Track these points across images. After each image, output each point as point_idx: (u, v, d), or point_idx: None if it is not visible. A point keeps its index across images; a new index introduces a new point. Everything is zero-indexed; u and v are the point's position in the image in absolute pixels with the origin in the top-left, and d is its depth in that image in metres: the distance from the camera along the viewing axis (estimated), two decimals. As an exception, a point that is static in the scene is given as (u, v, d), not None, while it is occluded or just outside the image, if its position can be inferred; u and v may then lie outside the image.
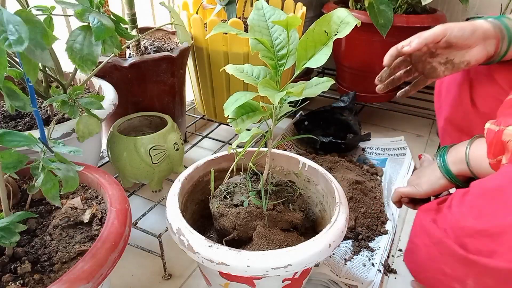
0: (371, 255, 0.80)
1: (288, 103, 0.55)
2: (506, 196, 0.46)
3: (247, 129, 0.52)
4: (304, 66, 0.49)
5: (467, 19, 1.34)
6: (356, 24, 0.46)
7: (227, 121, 0.52)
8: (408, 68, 0.68)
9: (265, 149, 0.61)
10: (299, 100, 0.55)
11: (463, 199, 0.51)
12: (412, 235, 0.58)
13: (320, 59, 0.48)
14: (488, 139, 0.53)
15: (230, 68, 0.51)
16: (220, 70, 0.54)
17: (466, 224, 0.48)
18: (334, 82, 0.53)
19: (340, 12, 0.47)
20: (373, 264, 0.78)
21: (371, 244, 0.83)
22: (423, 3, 1.11)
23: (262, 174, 0.60)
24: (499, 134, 0.51)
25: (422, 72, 0.65)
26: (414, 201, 0.68)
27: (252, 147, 0.63)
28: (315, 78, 0.53)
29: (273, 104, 0.52)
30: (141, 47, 0.92)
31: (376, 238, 0.85)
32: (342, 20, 0.47)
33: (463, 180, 0.60)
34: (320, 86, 0.52)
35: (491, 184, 0.49)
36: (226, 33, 0.91)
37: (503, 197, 0.46)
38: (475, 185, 0.51)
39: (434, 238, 0.52)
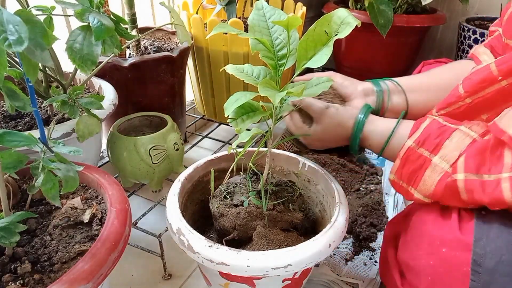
0: (372, 255, 0.80)
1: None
2: (422, 237, 0.50)
3: (247, 129, 0.52)
4: (305, 66, 0.49)
5: (467, 19, 1.34)
6: (356, 25, 0.46)
7: (227, 121, 0.52)
8: None
9: (265, 149, 0.61)
10: None
11: (406, 232, 0.57)
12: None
13: (320, 59, 0.48)
14: (418, 164, 0.50)
15: (230, 68, 0.51)
16: (220, 70, 0.54)
17: (401, 257, 0.55)
18: (333, 81, 0.53)
19: (341, 13, 0.47)
20: (374, 263, 0.78)
21: (372, 244, 0.83)
22: (423, 3, 1.12)
23: (262, 174, 0.60)
24: (453, 181, 0.46)
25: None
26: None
27: (252, 147, 0.63)
28: (315, 78, 0.53)
29: (273, 104, 0.51)
30: (141, 47, 0.92)
31: (377, 238, 0.85)
32: (342, 21, 0.47)
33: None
34: (320, 86, 0.52)
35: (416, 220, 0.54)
36: (226, 33, 0.91)
37: (421, 238, 0.51)
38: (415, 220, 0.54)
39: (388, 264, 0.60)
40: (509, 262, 0.39)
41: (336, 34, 0.47)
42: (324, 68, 1.59)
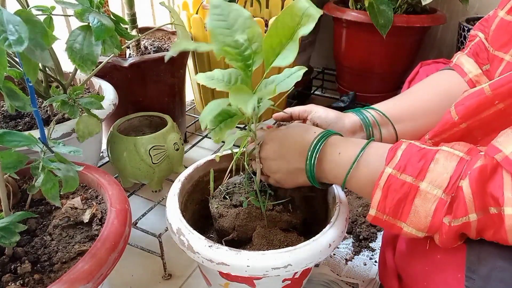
0: (372, 255, 0.80)
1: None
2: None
3: (238, 130, 0.50)
4: (273, 65, 0.46)
5: (467, 19, 1.34)
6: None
7: (206, 132, 0.49)
8: None
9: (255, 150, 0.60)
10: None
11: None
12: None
13: (288, 55, 0.44)
14: (403, 192, 0.42)
15: (200, 78, 0.47)
16: (196, 81, 0.51)
17: (398, 261, 0.54)
18: (307, 69, 0.48)
19: (301, 4, 0.43)
20: (374, 263, 0.78)
21: (371, 244, 0.83)
22: (423, 3, 1.11)
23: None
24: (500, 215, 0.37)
25: None
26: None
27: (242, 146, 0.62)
28: (285, 69, 0.49)
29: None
30: (141, 47, 0.92)
31: (377, 238, 0.85)
32: (303, 12, 0.43)
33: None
34: (292, 76, 0.47)
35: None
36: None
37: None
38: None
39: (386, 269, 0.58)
40: (502, 268, 0.39)
41: (300, 28, 0.43)
42: (324, 69, 1.59)
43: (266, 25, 1.06)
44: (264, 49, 0.46)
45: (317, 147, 0.51)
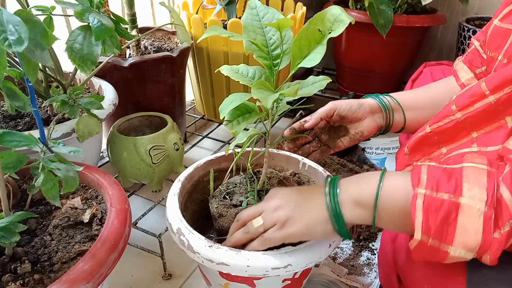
0: (372, 255, 0.80)
1: (287, 102, 0.55)
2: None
3: (245, 129, 0.52)
4: (299, 66, 0.49)
5: (467, 19, 1.34)
6: (351, 22, 0.45)
7: (223, 123, 0.51)
8: (313, 140, 0.71)
9: (263, 149, 0.61)
10: (301, 99, 0.55)
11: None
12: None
13: (314, 58, 0.47)
14: (445, 211, 0.39)
15: (225, 69, 0.51)
16: (215, 71, 0.53)
17: (398, 263, 0.55)
18: (331, 80, 0.51)
19: (334, 10, 0.46)
20: (374, 264, 0.78)
21: (371, 244, 0.83)
22: (423, 3, 1.11)
23: (260, 173, 0.60)
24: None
25: (325, 143, 0.70)
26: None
27: (252, 147, 0.63)
28: (311, 76, 0.53)
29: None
30: (141, 47, 0.92)
31: (377, 238, 0.85)
32: (336, 18, 0.46)
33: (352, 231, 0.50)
34: (316, 85, 0.50)
35: None
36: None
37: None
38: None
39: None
40: (505, 270, 0.39)
41: (330, 32, 0.46)
42: (324, 68, 1.59)
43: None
44: (292, 50, 0.48)
45: (334, 180, 0.50)
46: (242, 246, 0.52)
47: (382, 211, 0.44)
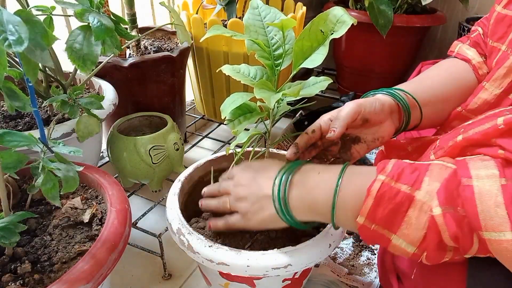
0: (372, 256, 0.80)
1: (287, 103, 0.55)
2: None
3: (245, 129, 0.52)
4: (301, 66, 0.49)
5: (467, 19, 1.33)
6: (353, 23, 0.45)
7: (224, 122, 0.51)
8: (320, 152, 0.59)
9: (264, 149, 0.61)
10: (301, 99, 0.55)
11: None
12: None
13: (316, 59, 0.47)
14: (398, 202, 0.39)
15: (226, 69, 0.51)
16: (217, 71, 0.53)
17: (398, 264, 0.55)
18: (332, 81, 0.51)
19: (336, 11, 0.46)
20: (374, 264, 0.78)
21: (372, 245, 0.83)
22: (423, 3, 1.12)
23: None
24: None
25: (335, 155, 0.57)
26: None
27: (253, 146, 0.63)
28: (312, 77, 0.53)
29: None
30: (141, 47, 0.92)
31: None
32: (338, 19, 0.46)
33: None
34: (317, 85, 0.50)
35: None
36: (226, 33, 0.91)
37: None
38: None
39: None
40: (505, 273, 0.39)
41: (332, 33, 0.46)
42: (324, 68, 1.59)
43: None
44: (294, 51, 0.48)
45: (293, 166, 0.49)
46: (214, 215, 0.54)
47: (341, 192, 0.44)
